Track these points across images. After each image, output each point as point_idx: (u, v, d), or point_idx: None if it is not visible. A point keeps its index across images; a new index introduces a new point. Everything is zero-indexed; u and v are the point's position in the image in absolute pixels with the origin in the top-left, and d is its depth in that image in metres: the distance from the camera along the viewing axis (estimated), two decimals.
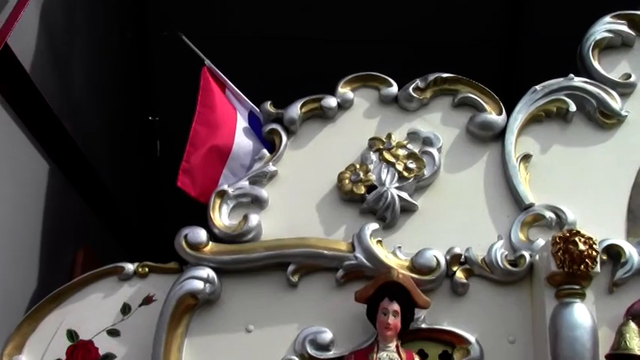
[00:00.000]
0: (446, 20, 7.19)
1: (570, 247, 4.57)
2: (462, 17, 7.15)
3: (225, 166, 5.58)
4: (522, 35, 7.35)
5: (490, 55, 7.39)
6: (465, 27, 7.22)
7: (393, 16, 7.13)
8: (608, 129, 5.41)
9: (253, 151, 5.52)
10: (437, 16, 7.16)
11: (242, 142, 5.62)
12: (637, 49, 5.67)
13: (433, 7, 7.09)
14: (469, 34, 7.25)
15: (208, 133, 5.62)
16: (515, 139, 5.29)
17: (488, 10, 7.19)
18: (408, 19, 7.14)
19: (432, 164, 5.20)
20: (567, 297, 4.64)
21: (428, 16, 7.14)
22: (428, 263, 4.87)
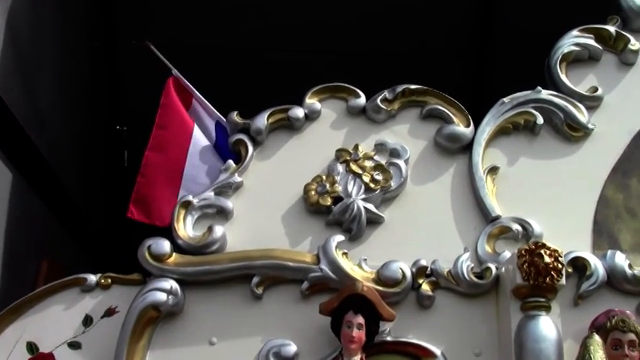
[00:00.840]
0: (415, 31, 7.17)
1: (536, 259, 4.55)
2: (431, 28, 7.14)
3: (181, 187, 5.53)
4: (492, 47, 7.33)
5: (460, 67, 7.39)
6: (434, 38, 7.22)
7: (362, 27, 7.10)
8: (575, 142, 5.41)
9: (211, 167, 5.46)
10: (406, 27, 7.14)
11: (196, 161, 5.57)
12: (604, 63, 5.68)
13: (402, 17, 7.07)
14: (439, 46, 7.25)
15: (160, 158, 5.59)
16: (482, 151, 5.28)
17: (458, 21, 7.19)
18: (377, 29, 7.11)
19: (399, 176, 5.16)
20: (533, 310, 4.61)
21: (397, 26, 7.11)
22: (393, 275, 4.83)
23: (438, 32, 7.17)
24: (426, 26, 7.12)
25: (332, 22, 7.07)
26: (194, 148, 5.67)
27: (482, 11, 7.32)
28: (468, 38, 7.36)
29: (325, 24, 7.08)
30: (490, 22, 7.36)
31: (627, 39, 5.68)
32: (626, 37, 5.69)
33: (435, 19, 7.06)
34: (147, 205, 5.61)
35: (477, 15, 7.26)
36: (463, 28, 7.23)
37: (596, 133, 5.43)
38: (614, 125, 5.49)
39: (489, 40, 7.39)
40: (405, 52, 7.23)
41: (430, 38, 7.20)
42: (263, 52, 7.16)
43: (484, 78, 7.32)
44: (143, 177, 5.62)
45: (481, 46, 7.49)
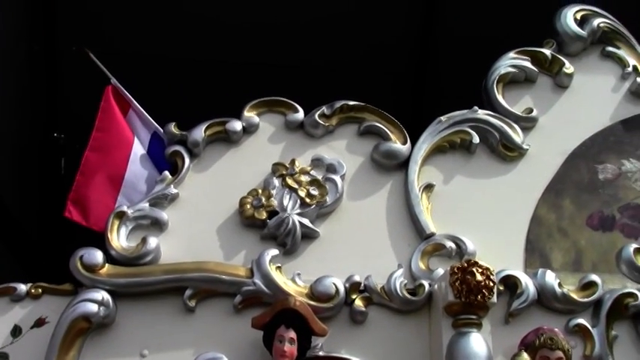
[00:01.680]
0: (355, 47, 7.20)
1: (468, 277, 4.59)
2: (372, 45, 7.18)
3: (120, 193, 5.47)
4: (433, 65, 7.40)
5: (400, 84, 7.43)
6: (375, 54, 7.25)
7: (302, 41, 7.11)
8: (510, 161, 5.49)
9: (150, 177, 5.42)
10: (346, 42, 7.16)
11: (137, 169, 5.52)
12: (539, 85, 5.80)
13: (342, 33, 7.09)
14: (379, 62, 7.29)
15: (100, 160, 5.53)
16: (418, 169, 5.33)
17: (398, 38, 7.24)
18: (318, 44, 7.13)
19: (335, 191, 5.18)
20: (464, 327, 4.64)
21: (336, 41, 7.14)
22: (327, 291, 4.83)
23: (378, 48, 7.20)
24: (367, 42, 7.15)
25: (273, 35, 7.06)
26: (135, 155, 5.63)
27: (422, 27, 7.37)
28: (408, 55, 7.40)
29: (266, 37, 7.07)
30: (430, 39, 7.41)
31: (562, 62, 5.79)
32: (561, 61, 5.80)
33: (375, 35, 7.09)
34: (85, 206, 5.52)
35: (417, 31, 7.31)
36: (403, 44, 7.28)
37: (531, 154, 5.51)
38: (548, 146, 5.58)
39: (430, 57, 7.44)
40: (345, 68, 7.24)
41: (371, 54, 7.24)
42: (204, 63, 7.11)
43: (425, 95, 7.34)
44: (82, 176, 5.54)
45: (421, 63, 7.53)
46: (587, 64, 5.99)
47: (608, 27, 6.03)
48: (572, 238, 5.32)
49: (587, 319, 4.97)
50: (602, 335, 4.90)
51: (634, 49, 6.05)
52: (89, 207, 5.43)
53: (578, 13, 6.02)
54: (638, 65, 5.98)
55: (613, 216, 5.44)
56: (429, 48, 7.27)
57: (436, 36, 7.16)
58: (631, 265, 5.08)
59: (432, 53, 7.26)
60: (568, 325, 4.93)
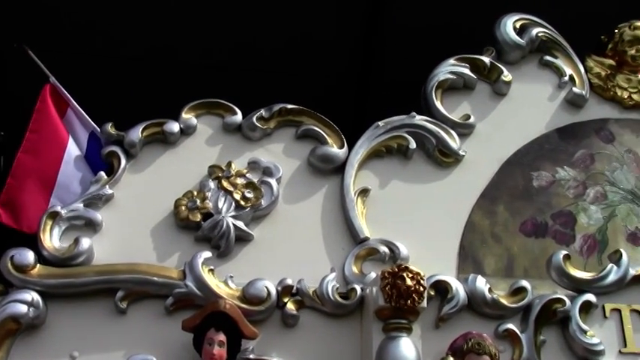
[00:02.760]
0: (303, 52, 7.19)
1: (398, 282, 4.62)
2: (315, 50, 7.18)
3: (53, 195, 5.42)
4: (376, 72, 7.42)
5: (345, 90, 7.44)
6: (320, 60, 7.25)
7: (242, 43, 7.10)
8: (446, 167, 5.53)
9: (85, 177, 5.38)
10: (293, 47, 7.16)
11: (70, 170, 5.47)
12: (478, 92, 5.86)
13: (288, 37, 7.09)
14: (324, 68, 7.29)
15: (34, 161, 5.47)
16: (354, 173, 5.35)
17: (343, 44, 7.24)
18: (260, 45, 7.12)
19: (270, 194, 5.19)
20: (394, 331, 4.67)
21: (280, 44, 7.14)
22: (258, 294, 4.83)
23: (325, 54, 7.20)
24: (309, 43, 7.14)
25: (212, 35, 7.03)
26: (69, 156, 5.57)
27: (365, 33, 7.39)
28: (353, 61, 7.40)
29: (205, 38, 7.04)
30: (374, 39, 7.43)
31: (501, 70, 5.85)
32: (499, 69, 5.86)
33: (317, 35, 7.09)
34: (16, 209, 5.46)
35: (359, 37, 7.32)
36: (351, 51, 7.28)
37: (467, 160, 5.56)
38: (484, 153, 5.64)
39: (375, 64, 7.45)
40: (287, 70, 7.24)
41: (319, 60, 7.23)
42: (144, 63, 7.07)
43: (369, 97, 7.36)
44: (14, 179, 5.47)
45: (366, 69, 7.54)
46: (526, 73, 6.06)
47: (547, 36, 6.11)
48: (505, 244, 5.37)
49: (517, 324, 5.01)
50: (530, 340, 4.95)
51: (571, 59, 6.13)
52: (21, 209, 5.37)
53: (517, 22, 6.09)
54: (574, 75, 6.05)
55: (546, 223, 5.51)
56: (373, 49, 7.24)
57: (380, 41, 7.14)
58: (560, 271, 5.14)
59: (376, 54, 7.24)
60: (497, 330, 4.97)
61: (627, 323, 5.16)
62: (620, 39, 6.19)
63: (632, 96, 6.08)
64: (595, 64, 6.16)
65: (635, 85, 6.11)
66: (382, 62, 7.15)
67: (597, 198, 5.69)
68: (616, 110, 6.10)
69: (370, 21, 7.14)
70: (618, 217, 5.65)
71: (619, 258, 5.23)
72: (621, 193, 5.74)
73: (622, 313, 5.19)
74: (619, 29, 6.22)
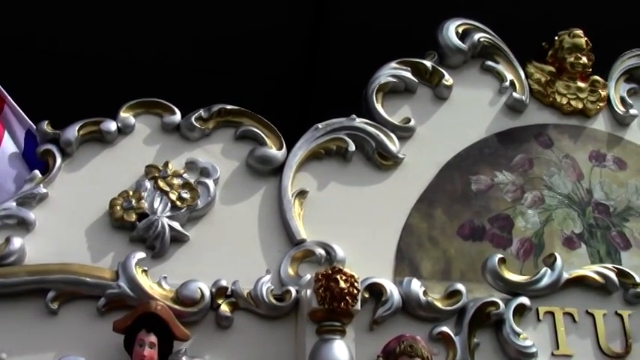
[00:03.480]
0: (246, 52, 7.17)
1: (332, 284, 4.60)
2: (262, 50, 7.16)
3: None
4: (320, 73, 7.42)
5: (289, 92, 7.43)
6: (264, 61, 7.24)
7: (192, 43, 7.06)
8: (385, 170, 5.54)
9: (20, 176, 5.30)
10: (236, 47, 7.13)
11: (4, 168, 5.38)
12: (419, 95, 5.89)
13: (230, 37, 7.06)
14: (268, 68, 7.27)
15: None
16: (293, 175, 5.33)
17: (287, 45, 7.24)
18: (207, 47, 7.09)
19: (207, 195, 5.15)
20: (327, 333, 4.66)
21: (225, 45, 7.11)
22: (192, 295, 4.79)
23: (264, 54, 7.19)
24: (252, 47, 7.13)
25: (154, 34, 6.98)
26: (3, 153, 5.48)
27: (310, 34, 7.39)
28: (293, 61, 7.40)
29: (146, 36, 6.99)
30: (318, 46, 7.43)
31: (442, 74, 5.89)
32: (441, 72, 5.89)
33: (260, 40, 7.08)
34: None
35: (304, 39, 7.32)
36: (295, 52, 7.28)
37: (406, 163, 5.58)
38: (423, 156, 5.66)
39: (319, 66, 7.46)
40: (232, 72, 7.22)
41: (257, 59, 7.22)
42: (83, 61, 6.99)
43: (312, 104, 7.36)
44: None
45: (310, 71, 7.54)
46: (467, 77, 6.10)
47: (489, 42, 6.15)
48: (442, 247, 5.39)
49: (451, 327, 5.02)
50: (464, 343, 4.96)
51: (512, 65, 6.18)
52: None
53: (460, 27, 6.12)
54: (515, 80, 6.09)
55: (483, 226, 5.54)
56: (317, 50, 7.24)
57: (328, 36, 7.13)
58: (495, 274, 5.16)
59: (320, 55, 7.24)
60: (431, 333, 4.98)
61: (560, 326, 5.21)
62: (561, 46, 6.25)
63: (570, 102, 6.14)
64: (535, 70, 6.21)
65: (573, 92, 6.16)
66: (327, 64, 7.14)
67: (535, 202, 5.74)
68: (555, 116, 6.15)
69: (315, 22, 7.11)
70: (555, 222, 5.70)
71: (553, 262, 5.27)
72: (558, 197, 5.80)
73: (555, 316, 5.23)
74: (559, 36, 6.29)
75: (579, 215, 5.81)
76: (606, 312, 5.38)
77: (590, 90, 6.24)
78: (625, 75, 6.49)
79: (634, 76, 6.52)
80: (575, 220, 5.77)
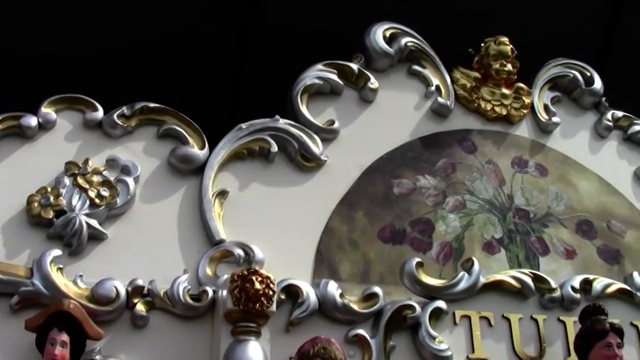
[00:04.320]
0: (176, 51, 7.13)
1: (247, 285, 4.62)
2: (192, 50, 7.13)
3: None
4: (249, 74, 7.41)
5: (218, 91, 7.41)
6: (194, 59, 7.20)
7: (120, 39, 6.99)
8: (308, 172, 5.56)
9: None
10: (164, 46, 7.09)
11: None
12: (344, 98, 5.90)
13: (160, 35, 7.02)
14: (198, 67, 7.25)
15: None
16: (214, 175, 5.32)
17: (217, 44, 7.21)
18: (135, 43, 7.03)
19: (126, 193, 5.12)
20: (242, 334, 4.67)
21: (155, 43, 7.06)
22: (107, 294, 4.76)
23: (194, 53, 7.16)
24: (182, 46, 7.09)
25: (79, 30, 6.90)
26: None
27: (240, 39, 7.38)
28: (222, 61, 7.38)
29: (72, 32, 6.91)
30: (248, 46, 7.42)
31: (368, 77, 5.93)
32: (366, 75, 5.93)
33: (190, 38, 7.05)
34: None
35: (234, 39, 7.31)
36: (224, 53, 7.26)
37: (329, 165, 5.60)
38: (347, 158, 5.69)
39: (248, 66, 7.45)
40: (160, 71, 7.18)
41: (187, 58, 7.19)
42: (4, 54, 6.89)
43: (241, 102, 7.35)
44: None
45: (239, 71, 7.53)
46: (394, 81, 6.16)
47: (416, 46, 6.20)
48: (362, 249, 5.41)
49: (368, 329, 5.05)
50: (379, 345, 5.00)
51: (438, 70, 6.24)
52: None
53: (387, 30, 6.16)
54: (441, 85, 6.15)
55: (404, 229, 5.58)
56: (247, 50, 7.23)
57: (257, 36, 7.13)
58: (412, 278, 5.21)
59: (250, 55, 7.23)
60: (348, 335, 4.99)
61: (476, 330, 5.27)
62: (486, 53, 6.33)
63: (494, 108, 6.22)
64: (461, 76, 6.28)
65: (498, 99, 6.25)
66: (256, 65, 7.13)
67: (456, 207, 5.79)
68: (479, 122, 6.23)
69: (244, 23, 7.11)
70: (475, 226, 5.76)
71: (471, 266, 5.34)
72: (479, 202, 5.87)
73: (471, 320, 5.27)
74: (485, 43, 6.36)
75: (500, 220, 5.87)
76: (522, 316, 5.44)
77: (515, 97, 6.31)
78: (549, 83, 6.58)
79: (558, 84, 6.58)
80: (495, 225, 5.83)
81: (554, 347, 5.47)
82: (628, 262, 6.10)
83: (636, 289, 5.80)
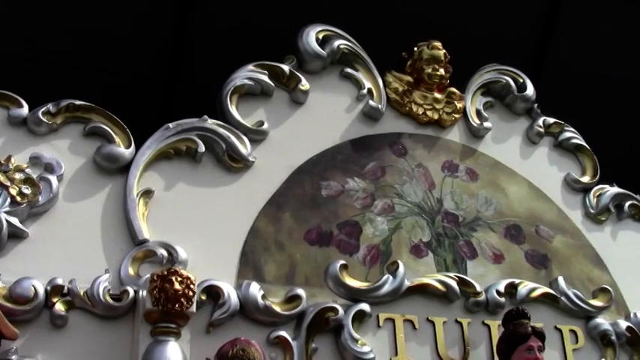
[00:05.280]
0: (109, 50, 7.07)
1: (166, 285, 4.58)
2: (126, 49, 7.07)
3: None
4: (184, 74, 7.36)
5: (151, 90, 7.36)
6: (128, 60, 7.15)
7: (49, 36, 6.90)
8: (235, 172, 5.54)
9: None
10: (97, 44, 7.02)
11: None
12: (275, 99, 5.89)
13: (92, 33, 6.95)
14: (132, 68, 7.19)
15: None
16: (139, 174, 5.28)
17: (152, 43, 7.16)
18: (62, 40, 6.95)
19: (49, 191, 5.05)
20: (162, 335, 4.63)
21: (87, 40, 6.99)
22: (25, 293, 4.69)
23: (128, 52, 7.10)
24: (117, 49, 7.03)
25: (8, 24, 6.81)
26: None
27: (174, 39, 7.33)
28: (156, 60, 7.33)
29: None
30: (182, 46, 7.38)
31: (299, 79, 5.92)
32: (298, 77, 5.93)
33: (123, 37, 6.99)
34: None
35: (168, 43, 7.26)
36: (159, 52, 7.21)
37: (257, 166, 5.59)
38: (275, 160, 5.68)
39: (181, 64, 7.40)
40: (93, 69, 7.11)
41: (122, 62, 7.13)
42: None
43: (175, 102, 7.30)
44: None
45: (174, 70, 7.48)
46: (326, 83, 6.17)
47: (349, 49, 6.21)
48: (288, 251, 5.40)
49: (290, 331, 5.04)
50: (301, 347, 5.00)
51: (371, 73, 6.25)
52: None
53: (320, 33, 6.15)
54: (373, 88, 6.17)
55: (331, 232, 5.58)
56: (182, 50, 7.19)
57: (192, 37, 7.09)
58: (336, 280, 5.22)
59: (185, 56, 7.19)
60: (269, 337, 4.98)
61: (400, 333, 5.28)
62: (419, 57, 6.36)
63: (426, 112, 6.26)
64: (394, 80, 6.31)
65: (430, 103, 6.28)
66: (191, 66, 7.08)
67: (385, 210, 5.81)
68: (411, 125, 6.25)
69: (180, 23, 7.07)
70: (403, 230, 5.78)
71: (396, 269, 5.35)
72: (408, 205, 5.89)
73: (395, 323, 5.29)
74: (418, 47, 6.38)
75: (428, 224, 5.90)
76: (446, 319, 5.48)
77: (447, 101, 6.35)
78: (482, 88, 6.62)
79: (491, 89, 6.63)
80: (423, 228, 5.86)
81: (478, 350, 5.51)
82: (555, 267, 6.15)
83: (561, 293, 5.82)
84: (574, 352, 5.78)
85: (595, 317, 5.93)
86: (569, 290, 5.90)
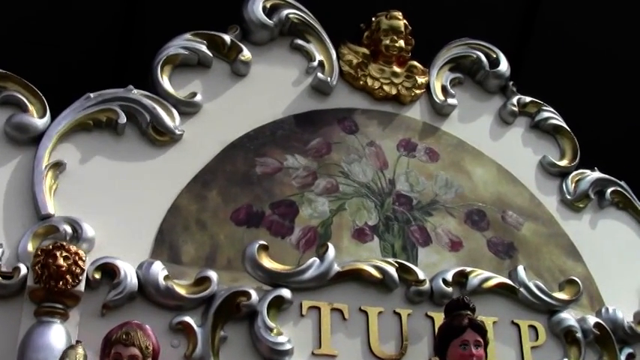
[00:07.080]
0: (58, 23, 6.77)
1: (49, 260, 4.21)
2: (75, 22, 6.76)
3: None
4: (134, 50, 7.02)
5: (102, 62, 7.04)
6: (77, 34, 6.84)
7: None
8: (160, 146, 5.17)
9: None
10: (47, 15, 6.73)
11: None
12: (214, 70, 5.51)
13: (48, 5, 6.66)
14: (82, 41, 6.88)
15: None
16: (52, 145, 4.92)
17: (101, 17, 6.84)
18: None
19: None
20: (46, 315, 4.27)
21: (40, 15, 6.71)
22: None
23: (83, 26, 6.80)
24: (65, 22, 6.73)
25: None
26: None
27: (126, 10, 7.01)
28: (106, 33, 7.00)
29: None
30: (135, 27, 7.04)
31: (240, 49, 5.47)
32: (239, 47, 5.51)
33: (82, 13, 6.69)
34: None
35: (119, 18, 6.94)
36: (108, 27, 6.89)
37: (186, 140, 5.20)
38: (207, 134, 5.30)
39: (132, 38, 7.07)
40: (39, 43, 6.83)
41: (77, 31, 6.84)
42: None
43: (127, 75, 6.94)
44: None
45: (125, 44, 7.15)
46: (274, 55, 5.79)
47: (299, 19, 5.80)
48: (210, 231, 4.99)
49: (197, 317, 4.61)
50: (207, 335, 4.57)
51: (324, 45, 5.80)
52: None
53: (268, 1, 5.71)
54: (325, 61, 5.73)
55: (263, 212, 5.16)
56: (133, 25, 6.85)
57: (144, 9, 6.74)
58: (254, 263, 4.80)
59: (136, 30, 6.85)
60: (172, 323, 4.55)
61: (326, 323, 4.81)
62: (377, 27, 5.90)
63: (383, 87, 5.81)
64: (348, 52, 5.87)
65: (387, 77, 5.83)
66: (142, 38, 6.73)
67: (327, 189, 5.37)
68: (366, 101, 5.82)
69: None
70: (347, 212, 5.33)
71: (324, 252, 4.88)
72: (355, 186, 5.44)
73: (321, 312, 4.83)
74: (376, 17, 5.92)
75: (377, 206, 5.43)
76: (383, 310, 5.00)
77: (407, 75, 5.88)
78: (451, 63, 6.10)
79: (460, 65, 6.10)
80: (370, 210, 5.39)
81: (418, 345, 5.05)
82: (522, 257, 5.63)
83: (519, 284, 5.28)
84: (533, 350, 5.24)
85: (560, 312, 5.32)
86: (530, 281, 5.34)
